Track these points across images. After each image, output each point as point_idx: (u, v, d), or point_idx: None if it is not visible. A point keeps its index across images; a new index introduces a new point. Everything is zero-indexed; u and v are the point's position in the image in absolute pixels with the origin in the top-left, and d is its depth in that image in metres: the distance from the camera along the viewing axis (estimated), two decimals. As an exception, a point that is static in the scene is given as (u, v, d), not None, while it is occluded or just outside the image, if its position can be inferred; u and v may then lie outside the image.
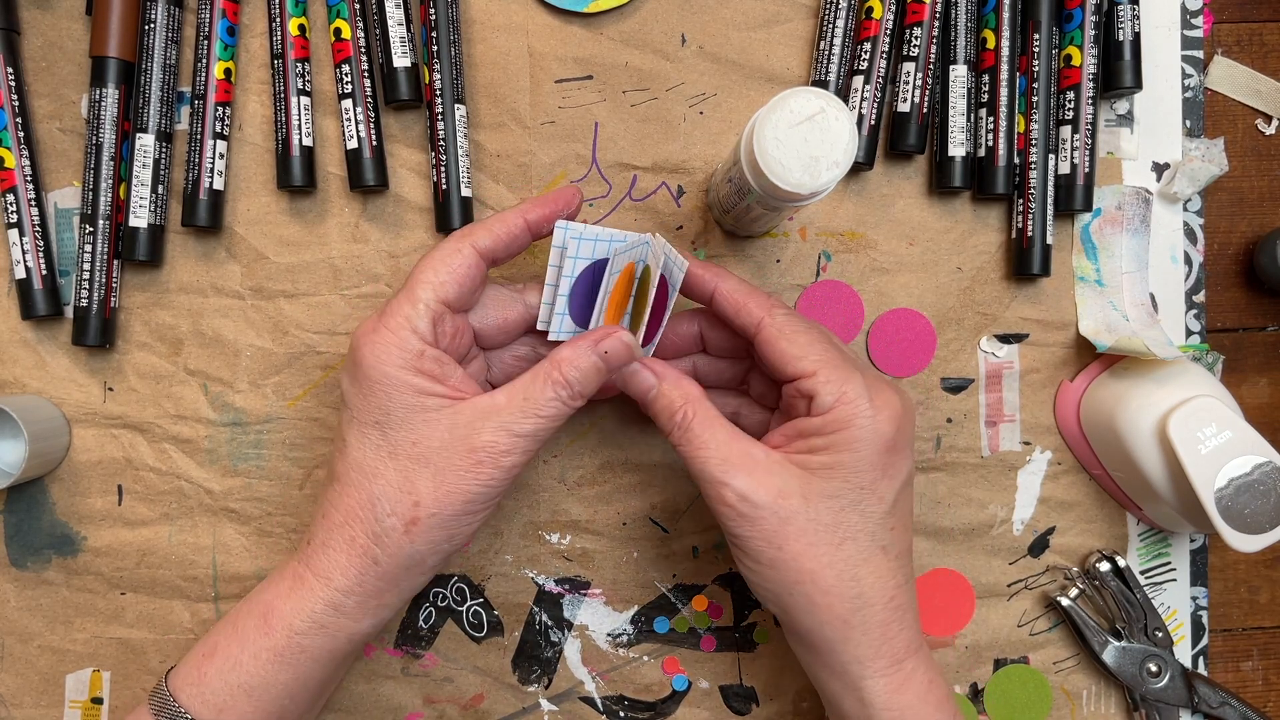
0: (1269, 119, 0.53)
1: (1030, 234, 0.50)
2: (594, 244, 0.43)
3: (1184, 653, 0.53)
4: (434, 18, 0.48)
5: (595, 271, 0.44)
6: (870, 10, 0.49)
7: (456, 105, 0.48)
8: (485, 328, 0.43)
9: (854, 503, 0.39)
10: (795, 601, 0.39)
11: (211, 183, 0.48)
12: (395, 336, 0.39)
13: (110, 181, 0.48)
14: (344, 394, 0.41)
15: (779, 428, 0.41)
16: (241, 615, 0.41)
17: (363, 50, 0.48)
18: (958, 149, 0.49)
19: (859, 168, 0.50)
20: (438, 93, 0.48)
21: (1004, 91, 0.49)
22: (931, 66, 0.49)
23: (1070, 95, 0.49)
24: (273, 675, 0.39)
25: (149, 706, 0.40)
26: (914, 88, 0.49)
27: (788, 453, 0.40)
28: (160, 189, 0.48)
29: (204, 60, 0.48)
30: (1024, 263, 0.50)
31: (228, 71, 0.48)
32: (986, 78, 0.50)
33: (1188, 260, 0.52)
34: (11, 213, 0.48)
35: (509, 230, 0.41)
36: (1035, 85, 0.49)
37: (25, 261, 0.48)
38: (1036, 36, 0.49)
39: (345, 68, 0.48)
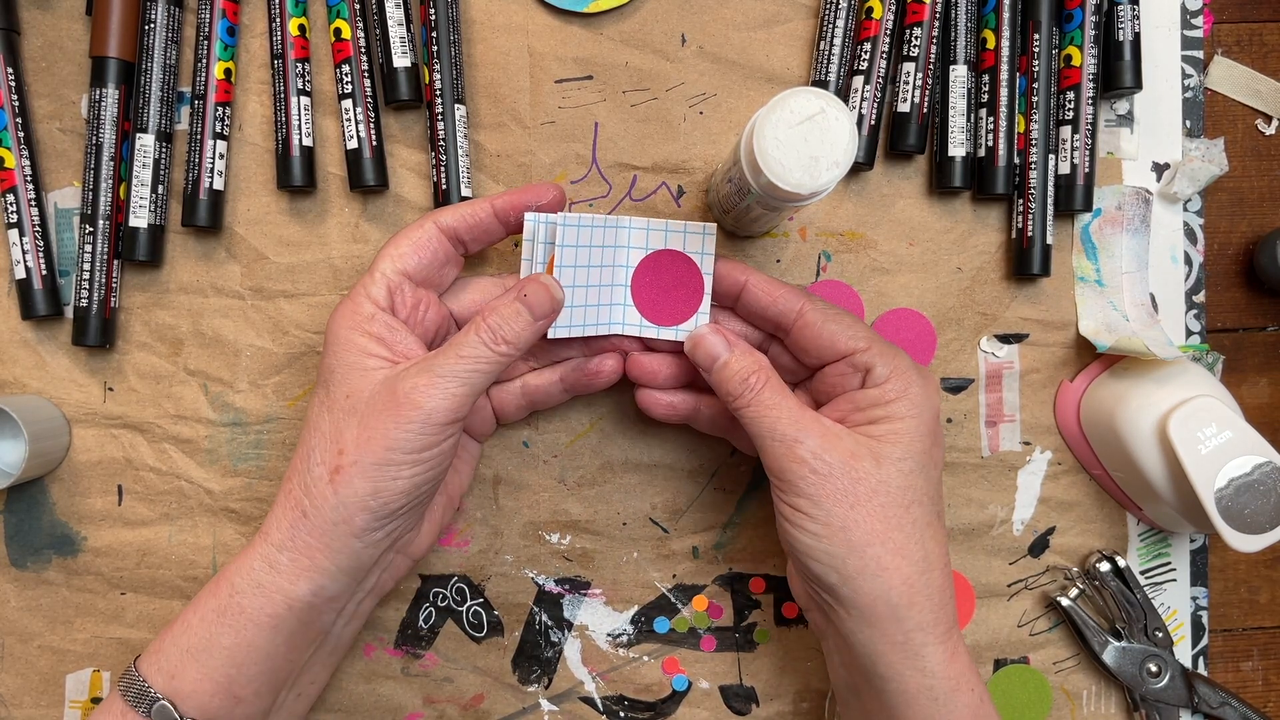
0: (1269, 119, 0.53)
1: (1030, 234, 0.50)
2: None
3: (1184, 653, 0.53)
4: (434, 18, 0.48)
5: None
6: (870, 10, 0.49)
7: (456, 105, 0.48)
8: (464, 313, 0.45)
9: (920, 466, 0.40)
10: (864, 565, 0.39)
11: (211, 183, 0.48)
12: (351, 303, 0.41)
13: (110, 181, 0.48)
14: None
15: (831, 403, 0.43)
16: (204, 585, 0.42)
17: (363, 50, 0.48)
18: (958, 149, 0.49)
19: (859, 168, 0.50)
20: (438, 93, 0.48)
21: (1004, 91, 0.49)
22: (931, 66, 0.49)
23: (1070, 95, 0.49)
24: (215, 637, 0.40)
25: (118, 685, 0.40)
26: (914, 88, 0.49)
27: (849, 425, 0.41)
28: (160, 189, 0.48)
29: (204, 60, 0.48)
30: (1024, 263, 0.50)
31: (228, 71, 0.48)
32: (986, 78, 0.50)
33: (1188, 260, 0.52)
34: (11, 213, 0.48)
35: (474, 214, 0.43)
36: (1035, 85, 0.49)
37: (25, 261, 0.48)
38: (1036, 36, 0.49)
39: (345, 68, 0.48)
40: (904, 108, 0.49)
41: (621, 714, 0.51)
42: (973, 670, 0.41)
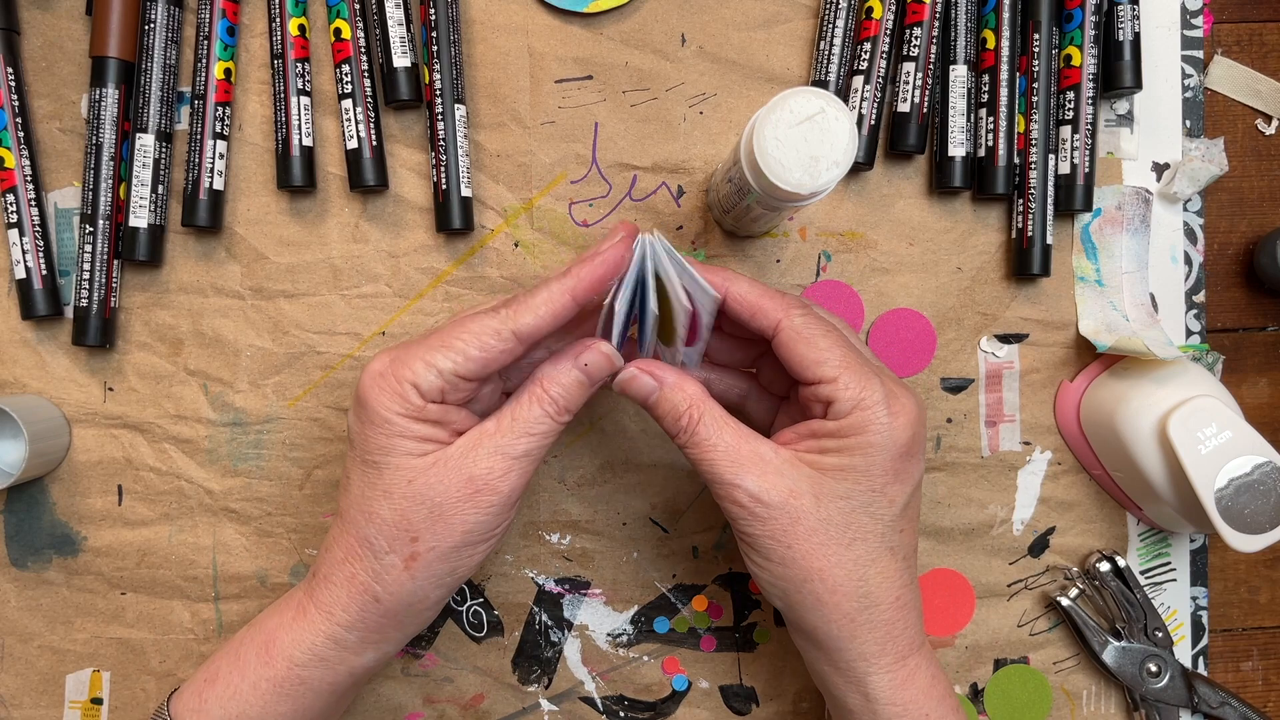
0: (1269, 119, 0.53)
1: (1030, 234, 0.50)
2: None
3: (1184, 653, 0.53)
4: (434, 18, 0.48)
5: (631, 297, 0.41)
6: (870, 10, 0.49)
7: (456, 105, 0.48)
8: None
9: (865, 504, 0.39)
10: (803, 599, 0.39)
11: (211, 183, 0.48)
12: (400, 388, 0.38)
13: (110, 181, 0.48)
14: (349, 429, 0.40)
15: (792, 425, 0.41)
16: (244, 643, 0.41)
17: (363, 50, 0.48)
18: (958, 149, 0.49)
19: (859, 168, 0.50)
20: (438, 93, 0.48)
21: (1004, 91, 0.49)
22: (931, 66, 0.49)
23: (1070, 95, 0.49)
24: (272, 706, 0.39)
25: None
26: (914, 88, 0.49)
27: (798, 450, 0.40)
28: (160, 189, 0.48)
29: (204, 60, 0.48)
30: (1024, 263, 0.50)
31: (228, 71, 0.48)
32: (986, 78, 0.50)
33: (1188, 260, 0.52)
34: (11, 213, 0.48)
35: (554, 311, 0.38)
36: (1035, 85, 0.49)
37: (25, 261, 0.48)
38: (1036, 36, 0.49)
39: (345, 68, 0.48)
40: (904, 108, 0.49)
41: (621, 714, 0.51)
42: (930, 696, 0.40)
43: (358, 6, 0.48)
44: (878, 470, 0.39)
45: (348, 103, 0.48)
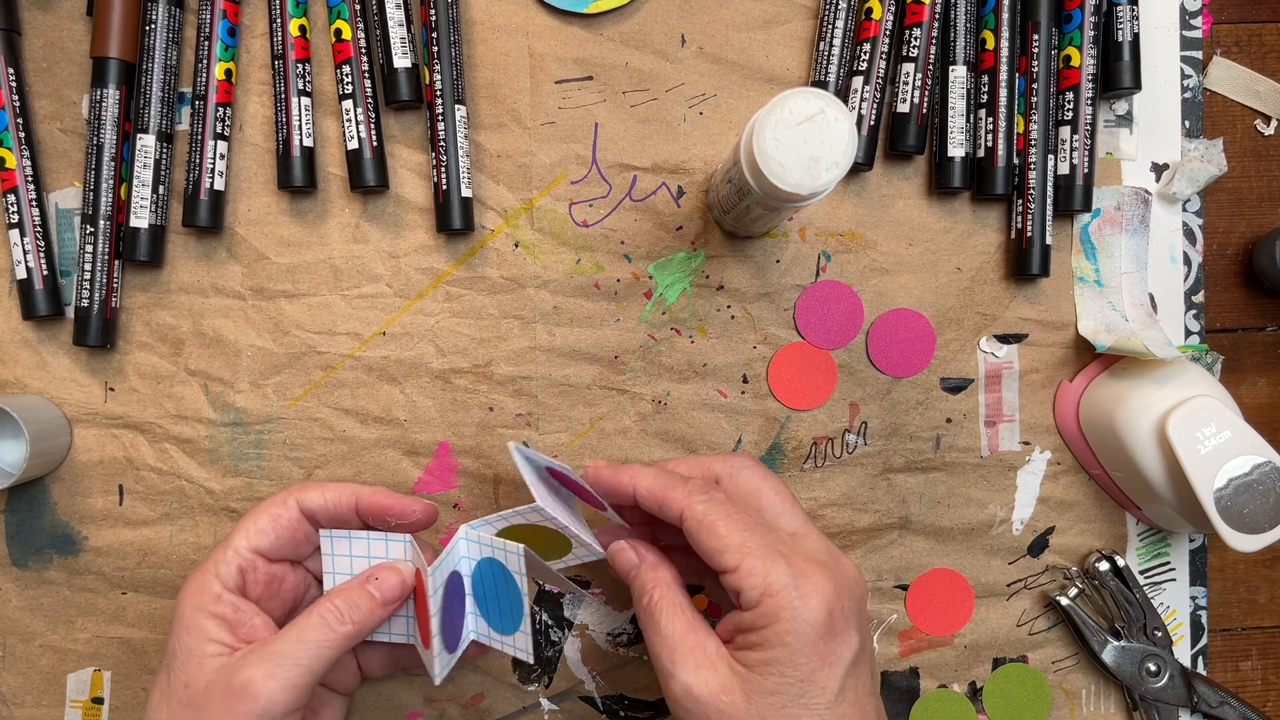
0: (1268, 119, 0.53)
1: (1029, 234, 0.50)
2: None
3: (1183, 652, 0.53)
4: (434, 18, 0.48)
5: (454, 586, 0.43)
6: (870, 11, 0.49)
7: (457, 106, 0.48)
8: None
9: (796, 697, 0.37)
10: None
11: (212, 183, 0.48)
12: (200, 579, 0.40)
13: (111, 182, 0.48)
14: None
15: (723, 620, 0.40)
16: None
17: (363, 51, 0.48)
18: (957, 149, 0.49)
19: (858, 168, 0.50)
20: (438, 93, 0.48)
21: (1003, 92, 0.49)
22: (931, 67, 0.49)
23: (1069, 96, 0.49)
24: None
25: None
26: (913, 88, 0.49)
27: (732, 649, 0.39)
28: (161, 189, 0.48)
29: (205, 61, 0.48)
30: (1023, 263, 0.50)
31: (228, 72, 0.48)
32: (986, 78, 0.50)
33: (1187, 260, 0.52)
34: (13, 213, 0.48)
35: (338, 501, 0.43)
36: (1034, 86, 0.49)
37: (26, 262, 0.48)
38: (1036, 37, 0.49)
39: (346, 68, 0.48)
40: (903, 108, 0.49)
41: (621, 713, 0.52)
42: None
43: (358, 7, 0.48)
44: (800, 658, 0.36)
45: (348, 103, 0.48)
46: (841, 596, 0.38)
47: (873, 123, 0.49)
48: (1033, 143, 0.49)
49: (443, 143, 0.48)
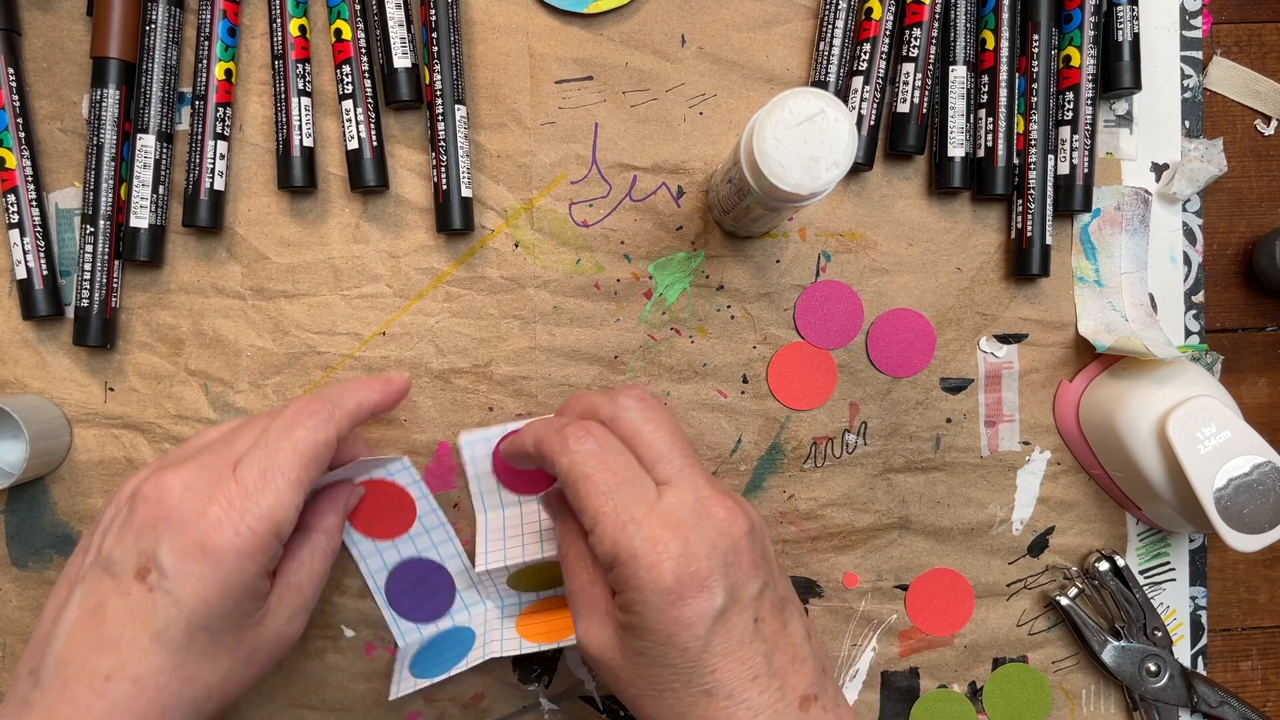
0: (1268, 119, 0.53)
1: (1029, 234, 0.50)
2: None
3: (1183, 652, 0.53)
4: (434, 18, 0.48)
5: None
6: (870, 11, 0.49)
7: (457, 106, 0.48)
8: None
9: (658, 658, 0.36)
10: None
11: (212, 183, 0.48)
12: (257, 539, 0.37)
13: (111, 182, 0.48)
14: (164, 568, 0.36)
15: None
16: None
17: (363, 51, 0.48)
18: (957, 149, 0.49)
19: (858, 168, 0.50)
20: (438, 93, 0.48)
21: (1003, 92, 0.49)
22: (931, 67, 0.49)
23: (1069, 96, 0.49)
24: None
25: None
26: (913, 88, 0.49)
27: (614, 606, 0.38)
28: (161, 189, 0.48)
29: (205, 61, 0.48)
30: (1023, 263, 0.50)
31: (228, 72, 0.48)
32: (986, 78, 0.50)
33: (1187, 260, 0.52)
34: (13, 213, 0.48)
35: (369, 399, 0.44)
36: (1034, 86, 0.49)
37: (26, 262, 0.48)
38: (1036, 37, 0.49)
39: (346, 68, 0.48)
40: (903, 108, 0.49)
41: (621, 713, 0.52)
42: None
43: (358, 7, 0.48)
44: (654, 623, 0.36)
45: (348, 103, 0.48)
46: (695, 557, 0.36)
47: (873, 123, 0.49)
48: (1033, 143, 0.49)
49: (443, 143, 0.48)
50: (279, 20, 0.48)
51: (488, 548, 0.49)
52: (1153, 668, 0.51)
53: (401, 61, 0.48)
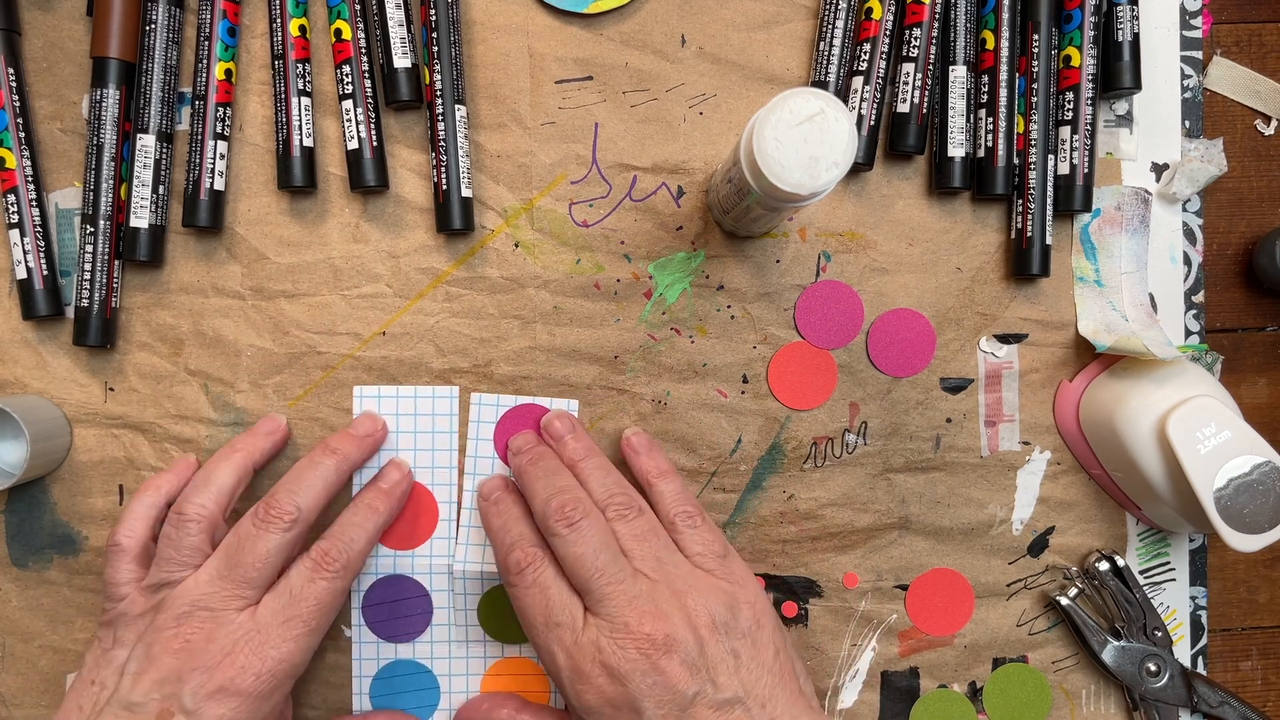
0: (1268, 119, 0.53)
1: (1030, 234, 0.50)
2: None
3: (1183, 652, 0.53)
4: (434, 18, 0.48)
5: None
6: (870, 11, 0.49)
7: (457, 106, 0.48)
8: None
9: None
10: None
11: (212, 183, 0.48)
12: (281, 683, 0.43)
13: (111, 182, 0.48)
14: (188, 708, 0.40)
15: None
16: None
17: (363, 51, 0.48)
18: (957, 149, 0.49)
19: (859, 168, 0.50)
20: (438, 93, 0.48)
21: (1003, 92, 0.49)
22: (931, 67, 0.49)
23: (1069, 96, 0.49)
24: None
25: None
26: (913, 88, 0.49)
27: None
28: (161, 189, 0.48)
29: (205, 61, 0.48)
30: (1023, 263, 0.50)
31: (228, 72, 0.48)
32: (986, 78, 0.50)
33: (1187, 260, 0.52)
34: (13, 213, 0.48)
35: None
36: (1034, 86, 0.49)
37: (26, 262, 0.48)
38: (1036, 37, 0.49)
39: (346, 68, 0.48)
40: (903, 108, 0.49)
41: None
42: None
43: (358, 7, 0.48)
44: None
45: (348, 103, 0.48)
46: (615, 683, 0.40)
47: (873, 123, 0.49)
48: (1033, 143, 0.49)
49: (443, 143, 0.48)
50: (279, 20, 0.48)
51: (469, 539, 0.49)
52: (1153, 668, 0.51)
53: (401, 61, 0.48)
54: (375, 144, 0.48)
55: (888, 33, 0.49)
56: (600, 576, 0.41)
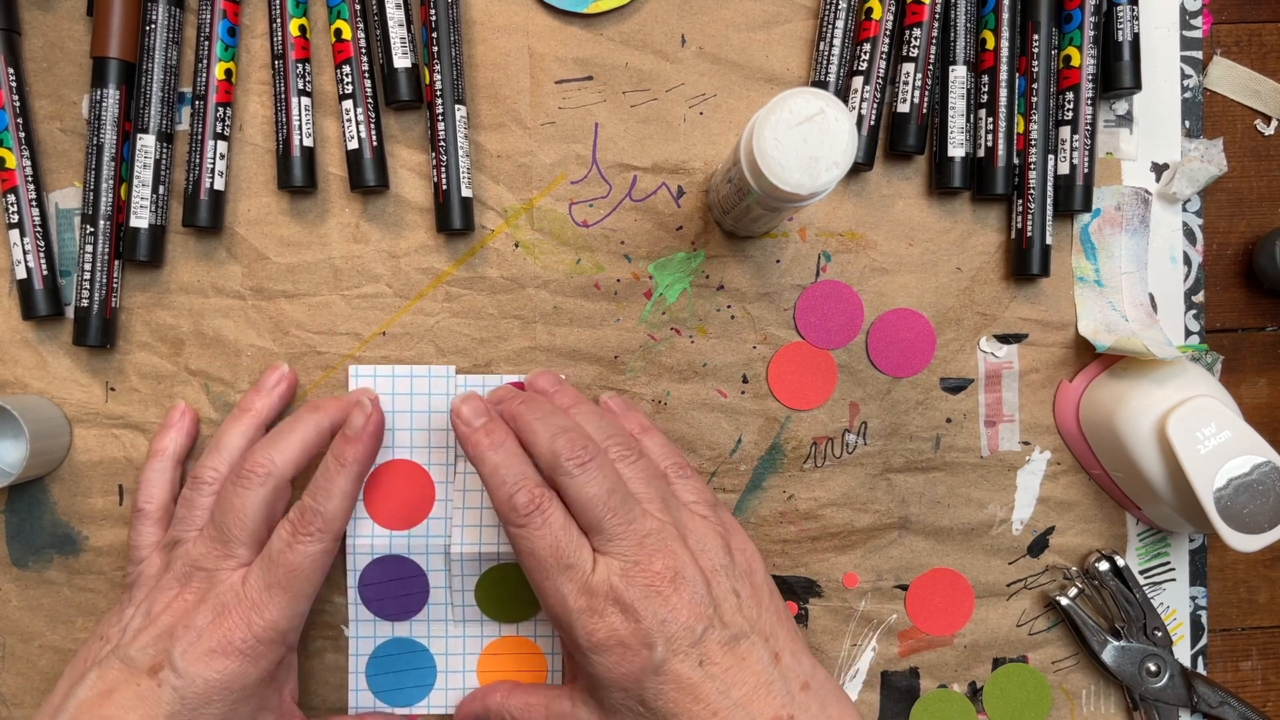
0: (1268, 119, 0.53)
1: (1029, 234, 0.50)
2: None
3: (1183, 652, 0.53)
4: (434, 18, 0.48)
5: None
6: (870, 11, 0.49)
7: (457, 106, 0.48)
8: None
9: (625, 707, 0.41)
10: None
11: (212, 183, 0.48)
12: (268, 649, 0.43)
13: (111, 182, 0.48)
14: (177, 668, 0.41)
15: None
16: None
17: (363, 51, 0.48)
18: (957, 149, 0.49)
19: (859, 168, 0.50)
20: (438, 93, 0.48)
21: (1003, 92, 0.49)
22: (931, 67, 0.49)
23: (1069, 96, 0.49)
24: None
25: None
26: (913, 88, 0.49)
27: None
28: (161, 189, 0.48)
29: (205, 61, 0.48)
30: (1023, 263, 0.50)
31: (228, 72, 0.48)
32: (986, 78, 0.50)
33: (1187, 260, 0.52)
34: (12, 213, 0.48)
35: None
36: (1035, 86, 0.49)
37: (26, 262, 0.48)
38: (1036, 37, 0.49)
39: (346, 68, 0.48)
40: (903, 108, 0.49)
41: (621, 713, 0.52)
42: None
43: (358, 7, 0.48)
44: (605, 680, 0.41)
45: (348, 103, 0.48)
46: (627, 620, 0.40)
47: (873, 123, 0.49)
48: (1033, 143, 0.49)
49: (443, 143, 0.48)
50: (279, 20, 0.48)
51: (464, 520, 0.49)
52: (1153, 668, 0.51)
53: (401, 61, 0.48)
54: (375, 144, 0.48)
55: (888, 33, 0.49)
56: (613, 516, 0.41)
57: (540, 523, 0.41)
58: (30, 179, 0.48)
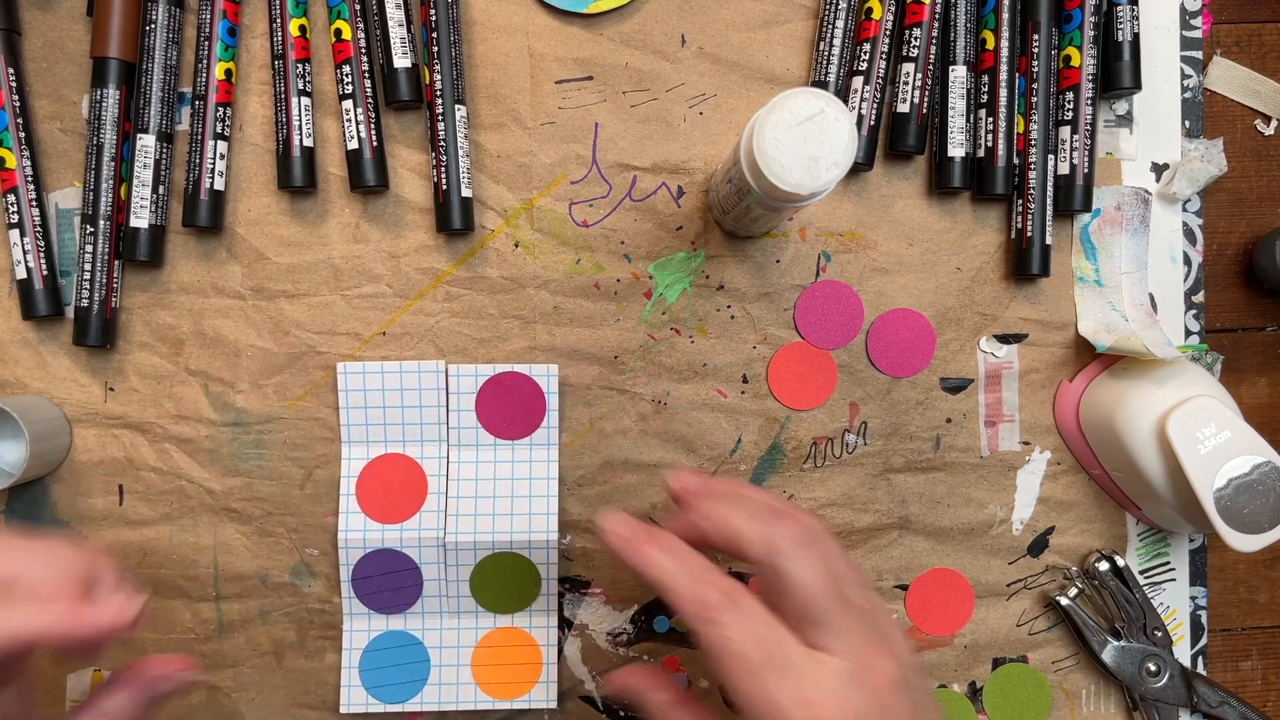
0: (1268, 119, 0.53)
1: (1029, 234, 0.50)
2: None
3: (1183, 652, 0.53)
4: (434, 18, 0.48)
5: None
6: (870, 11, 0.49)
7: (457, 106, 0.48)
8: None
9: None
10: None
11: (212, 183, 0.48)
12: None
13: (111, 182, 0.48)
14: None
15: None
16: None
17: (363, 51, 0.48)
18: (957, 149, 0.49)
19: (858, 168, 0.50)
20: (438, 93, 0.48)
21: (1003, 92, 0.49)
22: (931, 67, 0.49)
23: (1069, 96, 0.49)
24: None
25: None
26: (913, 88, 0.49)
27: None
28: (161, 189, 0.48)
29: (205, 61, 0.48)
30: (1023, 263, 0.50)
31: (228, 72, 0.48)
32: (986, 78, 0.50)
33: (1187, 260, 0.52)
34: (12, 213, 0.48)
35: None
36: (1034, 86, 0.49)
37: (26, 262, 0.48)
38: (1036, 37, 0.49)
39: (346, 68, 0.48)
40: (903, 108, 0.49)
41: (622, 713, 0.52)
42: None
43: (358, 7, 0.48)
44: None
45: (348, 103, 0.48)
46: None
47: (873, 123, 0.49)
48: (1033, 143, 0.49)
49: (443, 143, 0.48)
50: (279, 20, 0.48)
51: (458, 510, 0.49)
52: (1153, 668, 0.51)
53: (401, 61, 0.48)
54: (375, 144, 0.48)
55: (888, 33, 0.49)
56: (838, 604, 0.35)
57: (738, 616, 0.35)
58: (30, 179, 0.48)
